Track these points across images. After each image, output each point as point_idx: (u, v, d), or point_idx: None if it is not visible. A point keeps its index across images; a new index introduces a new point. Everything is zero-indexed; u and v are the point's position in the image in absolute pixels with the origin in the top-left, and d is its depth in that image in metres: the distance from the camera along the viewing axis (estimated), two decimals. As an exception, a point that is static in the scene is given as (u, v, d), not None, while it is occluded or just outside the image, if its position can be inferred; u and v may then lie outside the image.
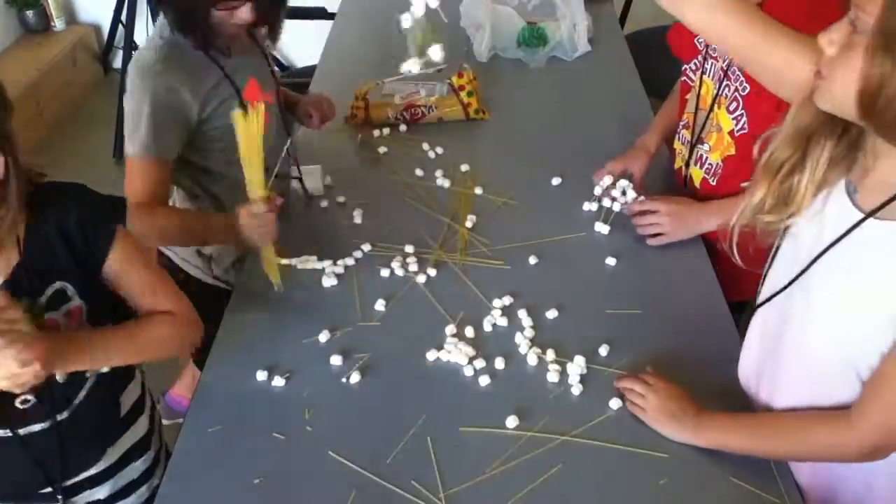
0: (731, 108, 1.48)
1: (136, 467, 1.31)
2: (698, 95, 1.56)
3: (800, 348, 1.10)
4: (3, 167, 0.99)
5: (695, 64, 1.58)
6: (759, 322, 1.20)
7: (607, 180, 1.65)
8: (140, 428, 1.31)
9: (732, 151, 1.50)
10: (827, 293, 1.04)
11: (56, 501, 1.21)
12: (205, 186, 1.59)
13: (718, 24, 1.07)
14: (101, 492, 1.27)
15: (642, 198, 1.58)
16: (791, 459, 1.15)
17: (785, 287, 1.10)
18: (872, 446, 1.02)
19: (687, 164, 1.62)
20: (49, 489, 1.19)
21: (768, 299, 1.15)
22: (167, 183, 1.51)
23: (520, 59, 2.22)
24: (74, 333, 1.13)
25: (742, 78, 1.43)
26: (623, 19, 3.14)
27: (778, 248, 1.14)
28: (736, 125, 1.47)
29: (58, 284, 1.11)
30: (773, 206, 1.04)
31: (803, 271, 1.06)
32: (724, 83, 1.48)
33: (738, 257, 1.10)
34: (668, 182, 1.70)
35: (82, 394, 1.17)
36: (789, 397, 1.14)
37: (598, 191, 1.65)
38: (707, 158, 1.57)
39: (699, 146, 1.58)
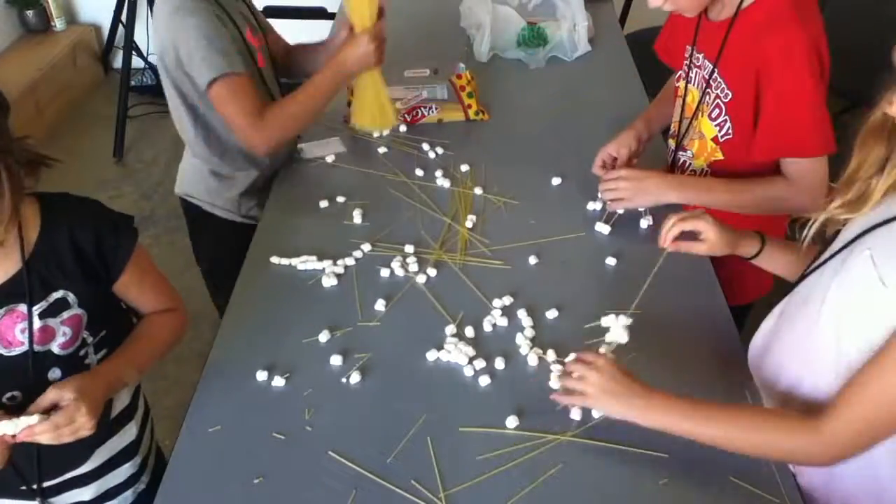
0: (714, 115, 1.48)
1: (123, 471, 1.31)
2: (683, 104, 1.57)
3: (809, 332, 1.10)
4: None
5: (682, 73, 1.58)
6: (786, 300, 1.21)
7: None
8: (129, 433, 1.31)
9: (720, 156, 1.51)
10: (849, 276, 1.04)
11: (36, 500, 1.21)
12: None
13: None
14: (87, 493, 1.27)
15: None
16: (743, 453, 1.09)
17: (819, 265, 1.11)
18: (839, 453, 1.01)
19: (672, 171, 1.62)
20: (32, 486, 1.19)
21: (803, 277, 1.16)
22: (255, 90, 1.57)
23: (520, 60, 2.22)
24: (103, 379, 1.14)
25: (724, 85, 1.44)
26: (623, 19, 3.14)
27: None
28: (720, 131, 1.48)
29: (60, 293, 1.12)
30: (851, 203, 1.07)
31: (838, 251, 1.07)
32: (706, 91, 1.48)
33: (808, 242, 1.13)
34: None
35: None
36: (784, 381, 1.14)
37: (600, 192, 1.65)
38: (691, 164, 1.58)
39: (682, 153, 1.59)
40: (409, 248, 1.53)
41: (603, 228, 1.58)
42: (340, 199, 1.67)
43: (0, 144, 0.99)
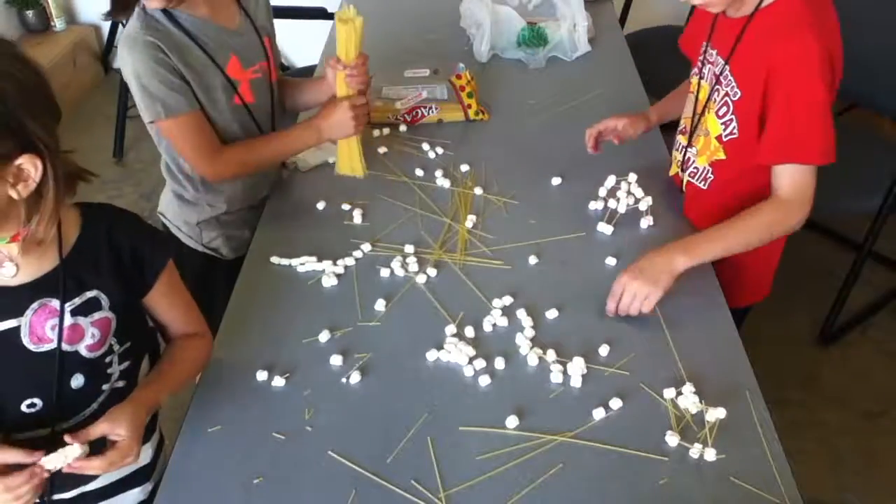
0: (721, 113, 1.47)
1: (133, 495, 1.29)
2: (696, 100, 1.56)
3: None
4: (40, 168, 1.00)
5: (696, 69, 1.58)
6: None
7: (611, 180, 1.65)
8: (143, 456, 1.28)
9: (721, 156, 1.49)
10: None
11: None
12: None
13: None
14: None
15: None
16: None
17: None
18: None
19: (683, 170, 1.62)
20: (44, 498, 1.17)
21: None
22: (209, 128, 1.54)
23: (520, 59, 2.22)
24: (145, 408, 1.14)
25: (734, 83, 1.43)
26: (623, 19, 3.14)
27: None
28: (724, 130, 1.47)
29: (94, 292, 1.13)
30: None
31: None
32: (716, 87, 1.48)
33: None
34: (667, 192, 1.68)
35: (94, 405, 1.17)
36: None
37: (602, 191, 1.65)
38: (693, 161, 1.57)
39: (689, 149, 1.58)
40: (409, 248, 1.53)
41: (605, 228, 1.58)
42: (340, 199, 1.67)
43: (51, 146, 1.02)
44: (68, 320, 1.11)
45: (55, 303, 1.10)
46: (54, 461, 1.02)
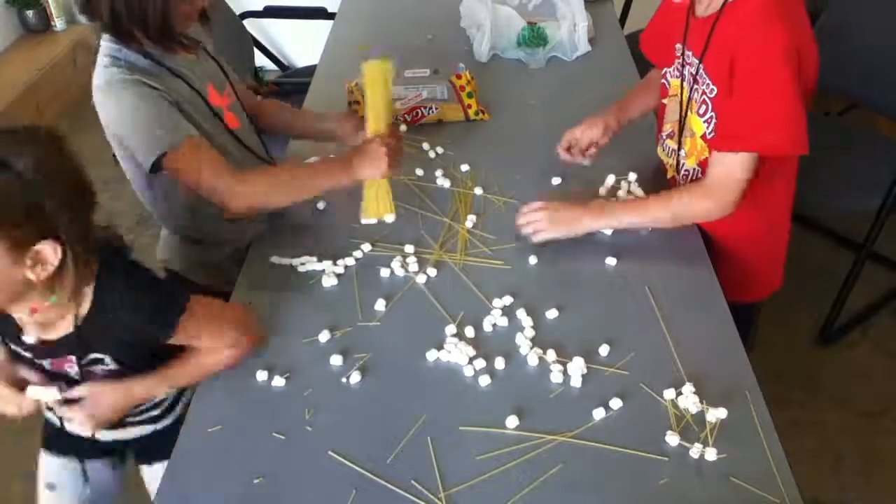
0: (702, 112, 1.48)
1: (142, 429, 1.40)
2: (681, 102, 1.56)
3: None
4: (60, 253, 1.04)
5: (675, 70, 1.57)
6: None
7: (611, 180, 1.65)
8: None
9: (708, 154, 1.50)
10: None
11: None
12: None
13: None
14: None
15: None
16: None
17: None
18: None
19: (678, 172, 1.62)
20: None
21: None
22: (218, 154, 1.44)
23: (520, 60, 2.22)
24: (132, 394, 1.26)
25: (709, 80, 1.43)
26: (623, 19, 3.14)
27: None
28: (707, 127, 1.47)
29: (100, 355, 1.20)
30: None
31: None
32: (694, 87, 1.48)
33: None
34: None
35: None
36: None
37: (602, 191, 1.65)
38: (684, 164, 1.58)
39: (679, 153, 1.59)
40: (409, 248, 1.53)
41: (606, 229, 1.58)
42: (340, 199, 1.67)
43: (71, 233, 1.05)
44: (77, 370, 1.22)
45: (72, 357, 1.20)
46: (38, 393, 1.22)
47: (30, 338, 1.17)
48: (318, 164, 1.60)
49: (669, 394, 1.24)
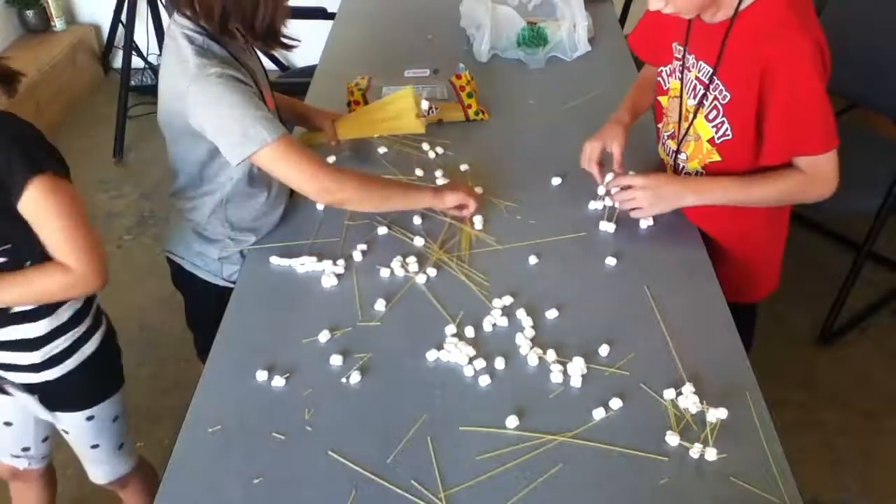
0: (711, 117, 1.48)
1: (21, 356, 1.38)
2: (681, 103, 1.56)
3: None
4: None
5: (675, 72, 1.57)
6: None
7: (609, 177, 1.65)
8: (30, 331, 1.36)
9: (716, 158, 1.50)
10: None
11: None
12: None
13: None
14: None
15: (622, 172, 1.59)
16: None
17: None
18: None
19: (676, 171, 1.62)
20: None
21: None
22: (311, 150, 1.47)
23: (520, 59, 2.22)
24: None
25: (722, 87, 1.43)
26: (623, 19, 3.15)
27: None
28: (717, 133, 1.48)
29: None
30: None
31: None
32: (704, 92, 1.48)
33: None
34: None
35: None
36: None
37: (601, 190, 1.65)
38: (684, 168, 1.58)
39: (678, 155, 1.59)
40: (418, 241, 1.53)
41: (608, 227, 1.58)
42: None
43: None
44: None
45: None
46: None
47: None
48: (409, 184, 1.65)
49: (669, 394, 1.24)
